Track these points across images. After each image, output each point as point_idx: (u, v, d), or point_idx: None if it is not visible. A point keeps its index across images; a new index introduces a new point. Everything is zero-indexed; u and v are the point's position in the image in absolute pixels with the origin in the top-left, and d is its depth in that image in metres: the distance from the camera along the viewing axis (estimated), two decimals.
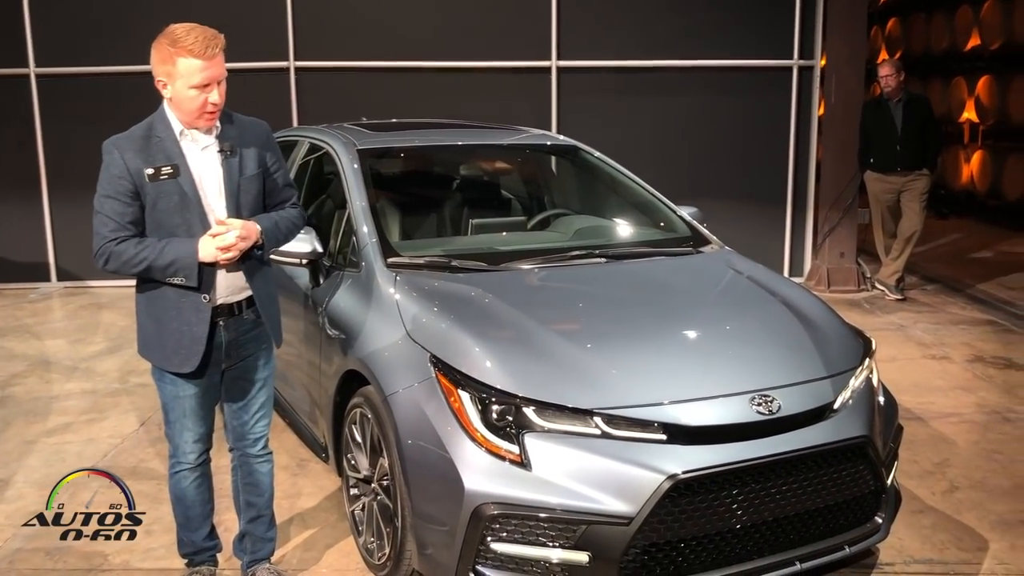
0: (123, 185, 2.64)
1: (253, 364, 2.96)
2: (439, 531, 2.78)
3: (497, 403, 2.73)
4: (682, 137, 8.05)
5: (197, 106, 2.66)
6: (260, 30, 7.89)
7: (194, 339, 2.76)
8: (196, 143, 2.74)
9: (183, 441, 2.93)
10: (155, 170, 2.66)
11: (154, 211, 2.68)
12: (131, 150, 2.66)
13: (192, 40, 2.64)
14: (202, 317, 2.75)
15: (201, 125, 2.72)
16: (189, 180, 2.70)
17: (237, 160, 2.79)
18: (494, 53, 7.90)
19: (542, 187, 4.88)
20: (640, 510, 2.59)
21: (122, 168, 2.64)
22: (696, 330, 3.20)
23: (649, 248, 3.91)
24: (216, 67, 2.66)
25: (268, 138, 2.92)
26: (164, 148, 2.69)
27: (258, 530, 3.14)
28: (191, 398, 2.86)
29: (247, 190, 2.81)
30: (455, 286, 3.35)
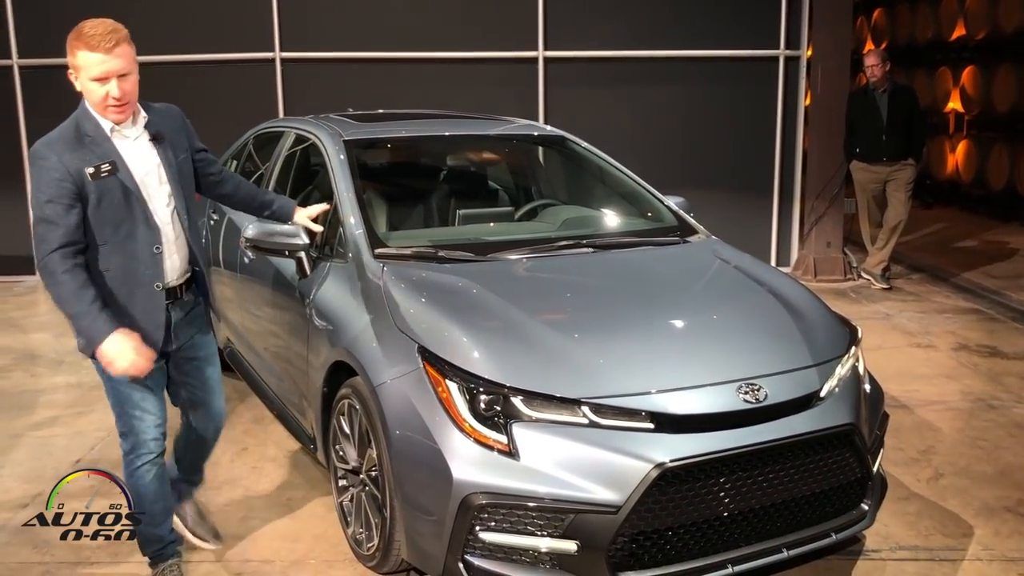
0: (65, 187, 2.64)
1: (200, 342, 3.06)
2: (428, 521, 2.78)
3: (485, 393, 2.73)
4: (669, 127, 8.05)
5: (99, 99, 2.69)
6: (246, 21, 7.85)
7: (154, 323, 2.83)
8: (127, 138, 2.79)
9: (145, 429, 2.91)
10: (95, 168, 2.68)
11: (98, 209, 2.70)
12: (67, 151, 2.67)
13: (91, 34, 2.68)
14: (157, 302, 2.84)
15: (110, 118, 2.74)
16: (128, 175, 2.75)
17: (168, 145, 2.88)
18: (481, 44, 7.88)
19: (529, 177, 4.88)
20: (628, 499, 2.60)
21: (62, 171, 2.64)
22: (683, 319, 3.21)
23: (636, 238, 3.91)
24: (114, 60, 2.68)
25: (183, 120, 3.03)
26: (97, 146, 2.72)
27: (192, 478, 3.36)
28: (144, 381, 2.83)
29: (183, 171, 2.93)
30: (442, 276, 3.35)
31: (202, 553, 3.30)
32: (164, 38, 7.79)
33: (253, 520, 3.55)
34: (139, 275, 2.78)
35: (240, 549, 3.33)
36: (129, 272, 2.77)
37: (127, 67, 2.71)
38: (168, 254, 2.85)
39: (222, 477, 3.94)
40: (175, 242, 2.89)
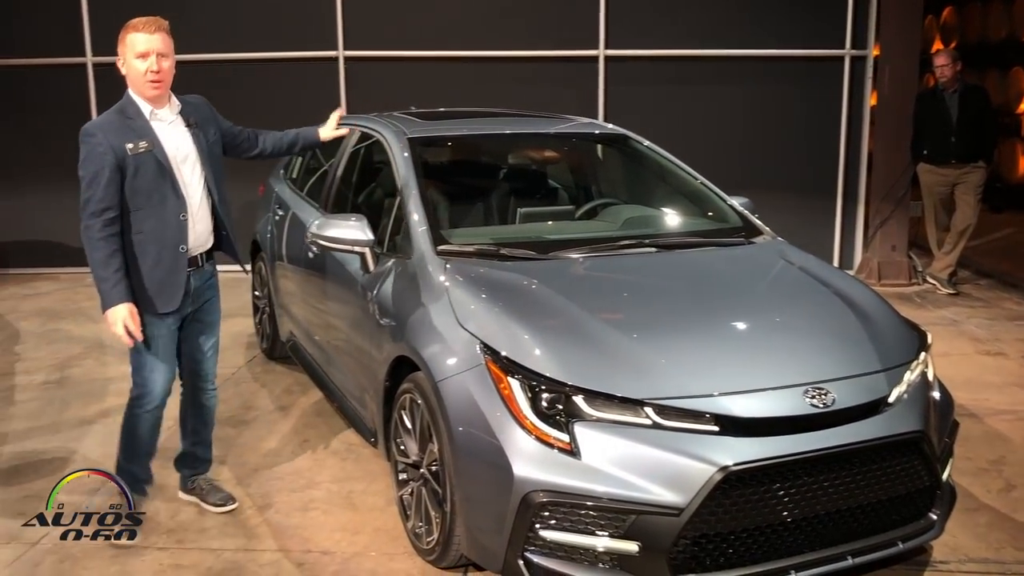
0: (107, 159, 3.12)
1: (209, 308, 3.52)
2: (488, 517, 2.79)
3: (547, 391, 2.74)
4: (731, 127, 7.96)
5: (140, 73, 3.17)
6: (310, 20, 7.97)
7: (176, 283, 3.29)
8: (163, 121, 3.27)
9: (155, 383, 3.38)
10: (134, 144, 3.16)
11: (135, 180, 3.17)
12: (111, 131, 3.16)
13: (137, 21, 3.22)
14: (181, 263, 3.29)
15: (148, 93, 3.21)
16: (162, 152, 3.21)
17: (201, 131, 3.37)
18: (542, 42, 7.88)
19: (590, 176, 4.87)
20: (691, 501, 2.58)
21: (106, 146, 3.13)
22: (748, 321, 3.17)
23: (700, 238, 3.88)
24: (155, 39, 3.19)
25: (211, 108, 3.52)
26: (137, 127, 3.20)
27: (200, 451, 3.70)
28: (163, 338, 3.34)
29: (213, 152, 3.42)
30: (504, 274, 3.36)
31: (264, 542, 3.36)
32: (230, 37, 7.96)
33: (314, 511, 3.60)
34: (167, 238, 3.25)
35: (301, 540, 3.38)
36: (159, 234, 3.23)
37: (165, 49, 3.20)
38: (193, 222, 3.31)
39: (284, 468, 4.01)
40: (202, 213, 3.37)
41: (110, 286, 3.15)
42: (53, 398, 4.94)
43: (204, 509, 3.62)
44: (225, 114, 3.65)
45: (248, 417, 4.65)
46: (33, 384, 5.19)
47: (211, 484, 3.72)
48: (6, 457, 4.17)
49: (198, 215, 3.35)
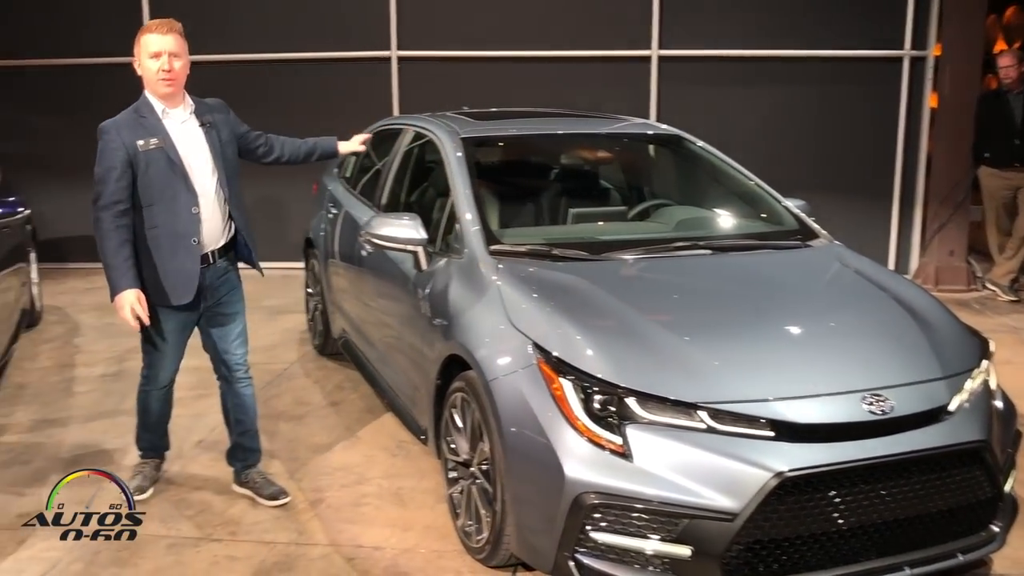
0: (120, 156, 3.27)
1: (227, 300, 3.59)
2: (538, 517, 2.79)
3: (599, 392, 2.72)
4: (785, 129, 7.86)
5: (153, 72, 3.30)
6: (363, 20, 8.04)
7: (189, 275, 3.40)
8: (175, 120, 3.39)
9: (161, 370, 3.61)
10: (145, 142, 3.30)
11: (145, 175, 3.30)
12: (125, 128, 3.31)
13: (152, 24, 3.35)
14: (193, 257, 3.40)
15: (160, 91, 3.33)
16: (173, 149, 3.33)
17: (215, 131, 3.46)
18: (595, 42, 7.86)
19: (642, 176, 4.84)
20: (745, 506, 2.55)
21: (118, 143, 3.28)
22: (804, 325, 3.12)
23: (755, 241, 3.83)
24: (167, 40, 3.30)
25: (228, 110, 3.62)
26: (150, 126, 3.33)
27: (247, 442, 3.76)
28: (173, 332, 3.51)
29: (227, 152, 3.51)
30: (556, 274, 3.35)
31: (316, 536, 3.40)
32: (286, 37, 8.06)
33: (365, 507, 3.63)
34: (180, 231, 3.36)
35: (352, 535, 3.41)
36: (172, 228, 3.36)
37: (177, 50, 3.32)
38: (205, 217, 3.41)
39: (335, 464, 4.05)
40: (213, 208, 3.45)
41: (119, 274, 3.30)
42: (111, 390, 5.04)
43: (257, 503, 3.68)
44: (279, 113, 3.73)
45: (300, 412, 4.70)
46: (92, 376, 5.31)
47: (264, 478, 3.78)
48: (67, 447, 4.27)
49: (210, 212, 3.44)
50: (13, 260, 5.47)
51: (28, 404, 4.84)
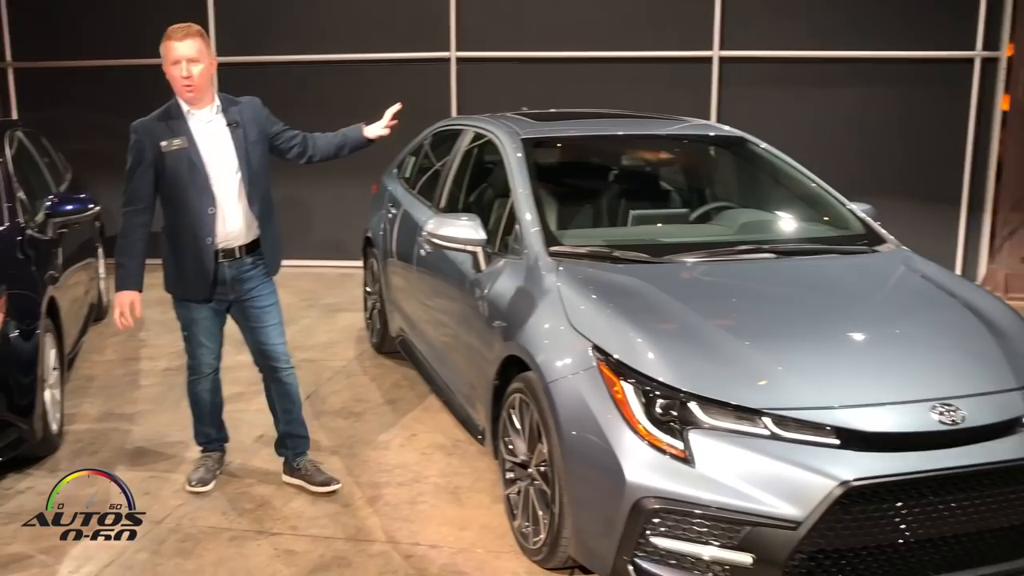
0: (145, 155, 3.41)
1: (256, 294, 3.63)
2: (598, 521, 2.78)
3: (661, 397, 2.70)
4: (849, 131, 7.71)
5: (176, 79, 3.37)
6: (424, 21, 8.09)
7: (204, 272, 3.50)
8: (201, 121, 3.45)
9: (201, 355, 3.72)
10: (168, 142, 3.39)
11: (168, 175, 3.42)
12: (151, 129, 3.43)
13: (170, 30, 3.39)
14: (208, 254, 3.48)
15: (184, 97, 3.40)
16: (196, 150, 3.41)
17: (242, 131, 3.49)
18: (654, 43, 7.80)
19: (704, 179, 4.78)
20: (809, 515, 2.51)
21: (144, 143, 3.41)
22: (872, 332, 3.06)
23: (820, 245, 3.76)
24: (186, 48, 3.34)
25: (262, 109, 3.62)
26: (175, 127, 3.42)
27: (295, 430, 3.83)
28: (204, 320, 3.63)
29: (253, 152, 3.52)
30: (617, 277, 3.33)
31: (374, 533, 3.43)
32: (346, 38, 8.15)
33: (422, 505, 3.65)
34: (196, 230, 3.45)
35: (409, 532, 3.43)
36: (191, 227, 3.46)
37: (196, 55, 3.35)
38: (223, 217, 3.47)
39: (393, 461, 4.08)
40: (234, 208, 3.50)
41: (124, 272, 3.50)
42: (174, 384, 5.14)
43: (313, 494, 3.73)
44: (339, 114, 3.75)
45: (358, 409, 4.75)
46: (156, 370, 5.43)
47: (315, 466, 3.84)
48: (132, 438, 4.37)
49: (231, 210, 3.49)
50: (83, 256, 5.62)
51: (95, 396, 4.97)
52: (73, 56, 8.59)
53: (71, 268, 5.10)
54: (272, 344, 3.69)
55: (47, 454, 4.10)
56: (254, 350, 3.76)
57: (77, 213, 4.82)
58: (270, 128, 3.63)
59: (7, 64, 8.80)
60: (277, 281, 3.79)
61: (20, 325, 3.85)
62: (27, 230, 4.46)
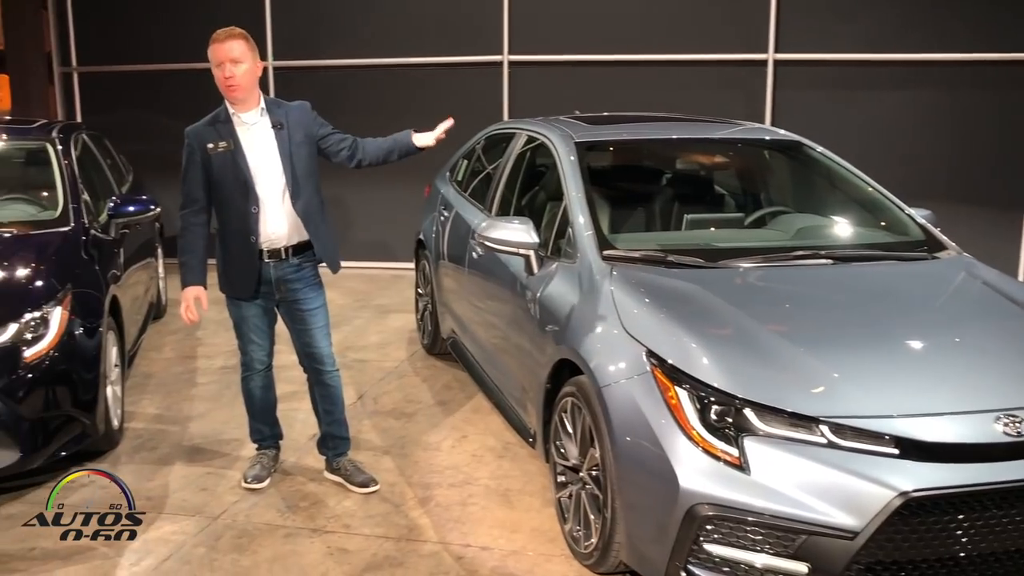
0: (195, 158, 3.54)
1: (302, 296, 3.68)
2: (650, 527, 2.77)
3: (716, 403, 2.68)
4: (907, 135, 7.55)
5: (219, 81, 3.47)
6: (477, 25, 8.13)
7: (248, 271, 3.60)
8: (246, 123, 3.53)
9: (252, 351, 3.80)
10: (214, 144, 3.51)
11: (215, 177, 3.53)
12: (200, 133, 3.55)
13: (215, 34, 3.48)
14: (252, 253, 3.58)
15: (229, 97, 3.49)
16: (240, 152, 3.50)
17: (286, 132, 3.55)
18: (707, 46, 7.74)
19: (759, 183, 4.73)
20: (867, 525, 2.48)
21: (193, 146, 3.55)
22: (933, 341, 3.00)
23: (880, 251, 3.70)
24: (227, 50, 3.43)
25: (310, 113, 3.66)
26: (222, 129, 3.53)
27: (336, 431, 3.89)
28: (253, 318, 3.72)
29: (298, 154, 3.57)
30: (672, 281, 3.31)
31: (425, 533, 3.45)
32: (399, 42, 8.23)
33: (473, 507, 3.67)
34: (241, 229, 3.55)
35: (460, 534, 3.45)
36: (237, 226, 3.56)
37: (238, 56, 3.44)
38: (265, 218, 3.55)
39: (444, 462, 4.10)
40: (278, 209, 3.56)
41: (186, 270, 3.64)
42: (230, 382, 5.23)
43: (355, 493, 3.78)
44: (392, 117, 3.77)
45: (410, 410, 4.79)
46: (213, 368, 5.53)
47: (355, 466, 3.89)
48: (189, 435, 4.46)
49: (274, 211, 3.55)
50: (144, 256, 5.75)
51: (154, 393, 5.08)
52: (134, 61, 8.81)
53: (132, 268, 5.22)
54: (317, 347, 3.74)
55: (108, 449, 4.20)
56: (299, 351, 3.82)
57: (139, 214, 4.93)
58: (317, 130, 3.65)
59: (72, 69, 9.05)
60: (329, 282, 3.84)
61: (84, 323, 3.95)
62: (91, 230, 4.58)
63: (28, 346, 3.66)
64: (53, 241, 4.30)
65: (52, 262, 4.09)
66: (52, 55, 9.11)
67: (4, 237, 4.27)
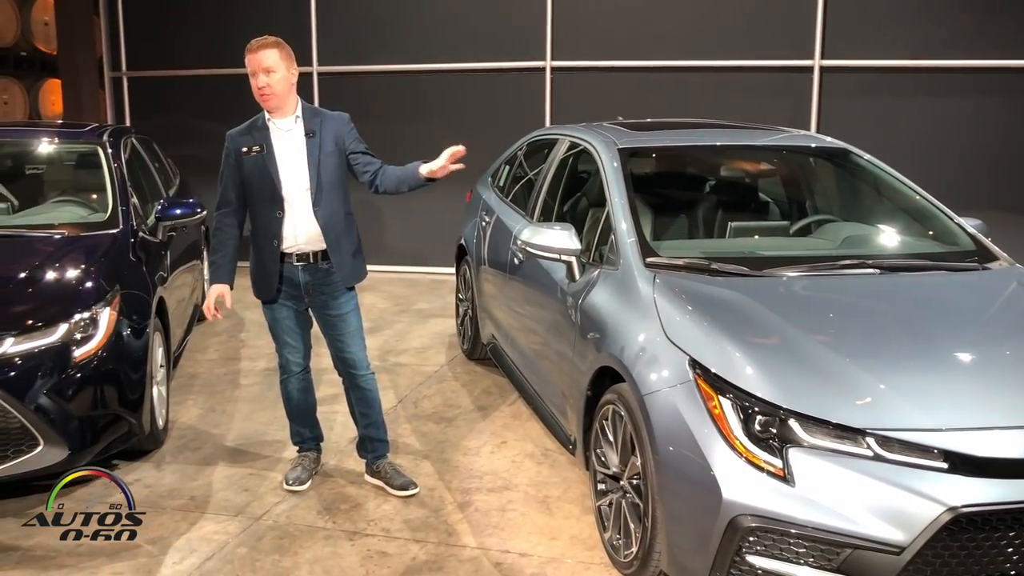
0: (230, 162, 3.66)
1: (331, 301, 3.73)
2: (692, 537, 2.74)
3: (761, 414, 2.65)
4: (957, 143, 7.42)
5: (255, 89, 3.55)
6: (520, 31, 8.15)
7: (270, 274, 3.69)
8: (280, 129, 3.62)
9: (287, 354, 3.86)
10: (248, 148, 3.61)
11: (248, 179, 3.63)
12: (237, 136, 3.66)
13: (250, 43, 3.56)
14: (274, 257, 3.65)
15: (264, 105, 3.58)
16: (272, 157, 3.59)
17: (317, 140, 3.60)
18: (751, 52, 7.68)
19: (804, 191, 4.68)
20: (914, 541, 2.43)
21: (230, 149, 3.66)
22: (982, 353, 2.95)
23: (928, 261, 3.64)
24: (260, 59, 3.51)
25: (346, 125, 3.70)
26: (257, 135, 3.62)
27: (374, 433, 3.92)
28: (286, 320, 3.78)
29: (326, 163, 3.61)
30: (715, 289, 3.29)
31: (464, 538, 3.46)
32: (442, 48, 8.28)
33: (511, 513, 3.67)
34: (268, 232, 3.64)
35: (499, 539, 3.45)
36: (262, 229, 3.66)
37: (271, 65, 3.51)
38: (291, 223, 3.61)
39: (483, 468, 4.11)
40: (305, 215, 3.61)
41: (213, 268, 3.76)
42: (272, 383, 5.27)
43: (394, 496, 3.80)
44: (434, 122, 3.77)
45: (449, 415, 4.80)
46: (256, 370, 5.60)
47: (395, 469, 3.92)
48: (232, 436, 4.52)
49: (301, 216, 3.61)
50: (189, 258, 5.84)
51: (198, 393, 5.15)
52: (182, 66, 8.97)
53: (178, 270, 5.30)
54: (350, 351, 3.78)
55: (153, 448, 4.27)
56: (333, 355, 3.86)
57: (186, 217, 5.00)
58: (349, 144, 3.66)
59: (122, 73, 9.24)
60: (370, 286, 3.87)
61: (132, 324, 4.02)
62: (139, 233, 4.66)
63: (78, 346, 3.73)
64: (103, 243, 4.38)
65: (101, 264, 4.17)
66: (103, 60, 9.31)
67: (55, 238, 4.37)
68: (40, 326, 3.67)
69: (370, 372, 3.87)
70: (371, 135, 3.73)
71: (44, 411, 3.57)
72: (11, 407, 3.50)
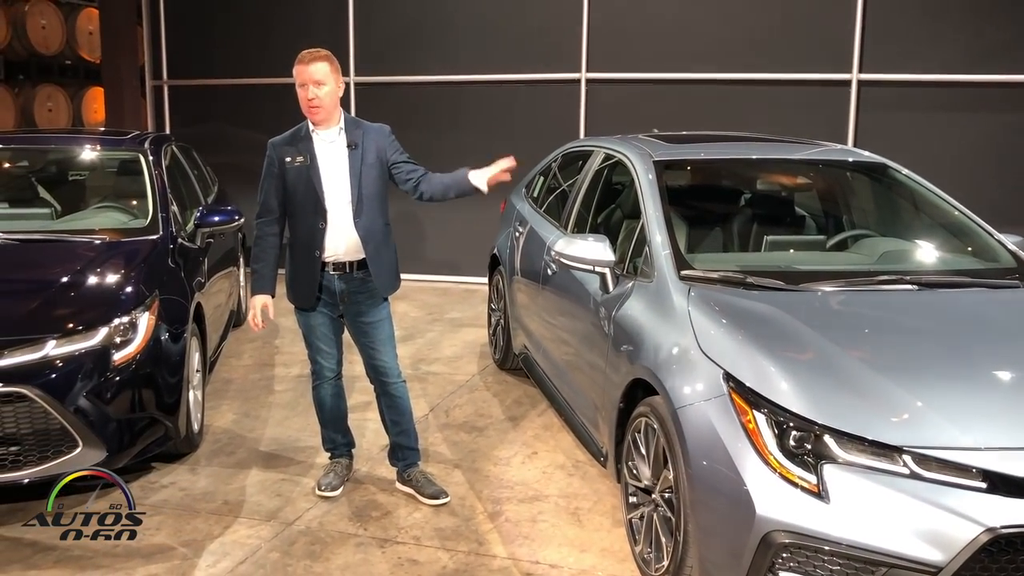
0: (272, 171, 3.68)
1: (365, 309, 3.75)
2: (724, 552, 2.72)
3: (795, 429, 2.63)
4: (996, 159, 7.31)
5: (302, 100, 3.58)
6: (555, 43, 8.17)
7: (309, 283, 3.70)
8: (324, 140, 3.64)
9: (320, 360, 3.87)
10: (292, 158, 3.63)
11: (290, 189, 3.65)
12: (281, 146, 3.68)
13: (301, 55, 3.58)
14: (314, 266, 3.67)
15: (311, 117, 3.61)
16: (315, 168, 3.61)
17: (359, 152, 3.63)
18: (788, 65, 7.63)
19: (842, 205, 4.64)
20: (951, 561, 2.40)
21: (273, 158, 3.68)
22: (1022, 372, 2.89)
23: (968, 278, 3.59)
24: (310, 72, 3.53)
25: (387, 136, 3.73)
26: (301, 145, 3.65)
27: (405, 441, 3.94)
28: (320, 327, 3.80)
29: (368, 175, 3.64)
30: (750, 303, 3.27)
31: (495, 548, 3.46)
32: (478, 59, 8.33)
33: (542, 523, 3.66)
34: (308, 241, 3.66)
35: (530, 550, 3.45)
36: (303, 238, 3.67)
37: (321, 77, 3.54)
38: (332, 233, 3.63)
39: (514, 478, 4.11)
40: (346, 225, 3.63)
41: (256, 278, 3.80)
42: (306, 390, 5.28)
43: (425, 505, 3.82)
44: (469, 133, 3.78)
45: (481, 424, 4.81)
46: (290, 376, 5.65)
47: (426, 477, 3.94)
48: (265, 441, 4.56)
49: (341, 226, 3.63)
50: (226, 264, 5.92)
51: (233, 399, 5.21)
52: (222, 75, 9.10)
53: (215, 276, 5.37)
54: (381, 359, 3.81)
55: (188, 452, 4.32)
56: (365, 363, 3.90)
57: (224, 224, 5.07)
58: (390, 155, 3.70)
59: (163, 82, 9.40)
60: (404, 295, 3.90)
61: (170, 329, 4.08)
62: (178, 239, 4.73)
63: (117, 349, 3.79)
64: (142, 248, 4.45)
65: (141, 269, 4.24)
66: (145, 69, 9.48)
67: (96, 244, 4.44)
68: (81, 329, 3.74)
69: (401, 380, 3.89)
70: (406, 145, 3.77)
71: (83, 413, 3.63)
72: (52, 408, 3.56)
